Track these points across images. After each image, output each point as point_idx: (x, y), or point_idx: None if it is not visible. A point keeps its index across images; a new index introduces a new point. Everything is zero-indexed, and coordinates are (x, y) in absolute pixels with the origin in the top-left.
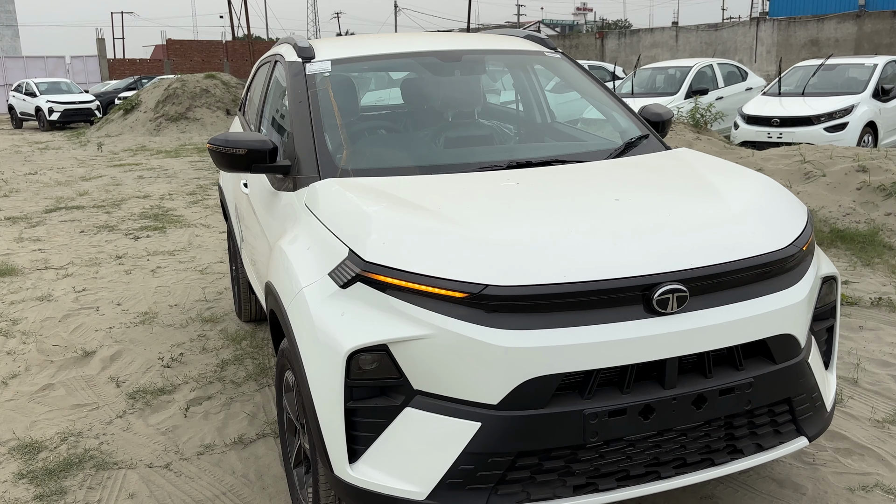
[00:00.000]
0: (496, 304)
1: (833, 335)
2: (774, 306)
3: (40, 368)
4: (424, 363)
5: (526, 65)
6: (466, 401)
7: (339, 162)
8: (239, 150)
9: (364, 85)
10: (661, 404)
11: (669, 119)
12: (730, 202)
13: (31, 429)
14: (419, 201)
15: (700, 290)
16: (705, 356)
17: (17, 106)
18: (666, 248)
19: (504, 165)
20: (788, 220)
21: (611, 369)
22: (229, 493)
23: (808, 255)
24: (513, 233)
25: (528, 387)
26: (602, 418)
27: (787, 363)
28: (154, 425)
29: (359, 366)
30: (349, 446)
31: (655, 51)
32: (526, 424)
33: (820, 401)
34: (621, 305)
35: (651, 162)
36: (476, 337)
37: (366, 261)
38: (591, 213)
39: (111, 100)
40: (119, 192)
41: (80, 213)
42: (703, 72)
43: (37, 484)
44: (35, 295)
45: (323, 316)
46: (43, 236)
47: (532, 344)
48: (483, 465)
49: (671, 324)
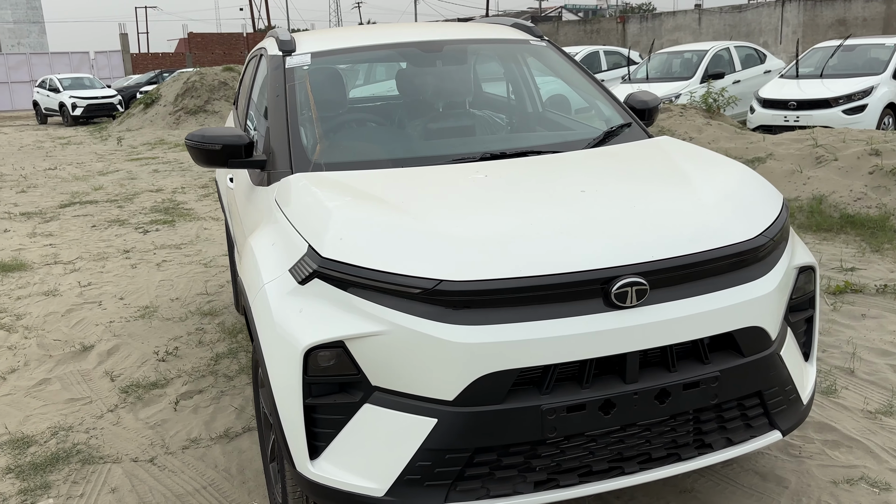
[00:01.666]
0: (451, 299)
1: (812, 326)
2: (741, 298)
3: (39, 363)
4: (381, 359)
5: (509, 54)
6: (423, 397)
7: (312, 156)
8: (214, 145)
9: (347, 78)
10: (621, 399)
11: (656, 107)
12: (700, 192)
13: (24, 423)
14: (383, 196)
15: (662, 283)
16: (668, 350)
17: (41, 102)
18: (626, 241)
19: (477, 157)
20: (759, 210)
21: (569, 364)
22: (210, 487)
23: (780, 245)
24: (470, 227)
25: (484, 382)
26: (560, 414)
27: (757, 356)
28: (143, 419)
29: (317, 362)
30: (311, 442)
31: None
32: (482, 420)
33: (794, 394)
34: (580, 299)
35: (628, 151)
36: (430, 333)
37: (322, 256)
38: (554, 206)
39: (133, 94)
40: (133, 187)
41: (93, 207)
42: (720, 55)
43: (23, 479)
44: (42, 290)
45: (282, 312)
46: (55, 231)
47: (487, 339)
48: (440, 461)
49: (631, 317)
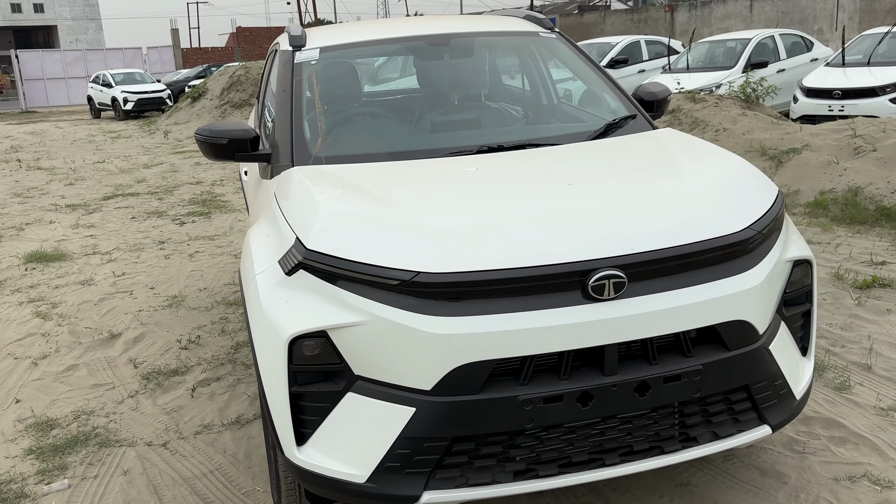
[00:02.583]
0: (428, 290)
1: (810, 320)
2: (725, 292)
3: (69, 349)
4: (362, 349)
5: (518, 46)
6: (402, 386)
7: (313, 150)
8: (221, 139)
9: (356, 72)
10: (599, 391)
11: (665, 98)
12: (689, 185)
13: (50, 407)
14: (373, 189)
15: (641, 276)
16: (648, 343)
17: (95, 97)
18: (606, 234)
19: (474, 150)
20: (749, 203)
21: (547, 356)
22: (217, 471)
23: (770, 239)
24: (451, 220)
25: (460, 373)
26: (537, 405)
27: (742, 350)
28: (161, 405)
29: (301, 351)
30: (298, 430)
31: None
32: (459, 410)
33: (785, 388)
34: (557, 292)
35: (627, 144)
36: (408, 323)
37: (307, 248)
38: (539, 199)
39: (182, 88)
40: (174, 179)
41: (134, 199)
42: (764, 43)
43: (42, 460)
44: (79, 279)
45: (270, 302)
46: (97, 223)
47: (463, 330)
48: (419, 449)
49: (608, 310)
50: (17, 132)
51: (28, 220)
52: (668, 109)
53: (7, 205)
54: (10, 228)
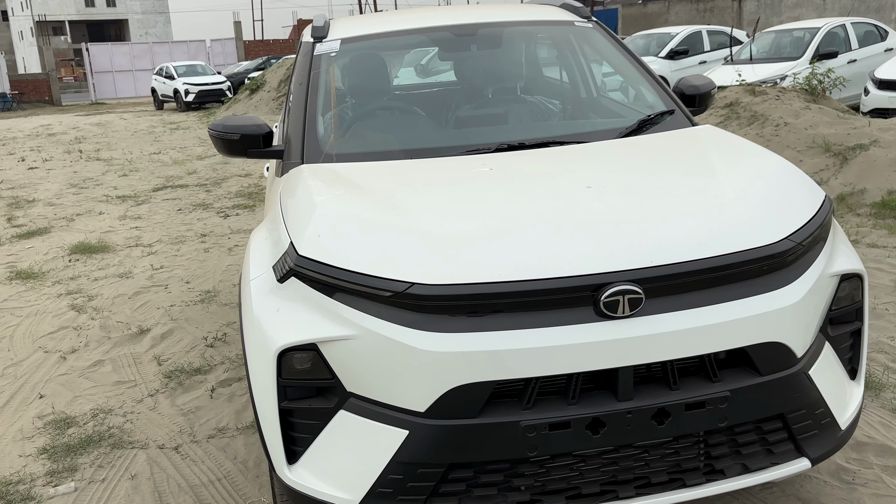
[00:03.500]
0: (423, 304)
1: (860, 340)
2: (757, 310)
3: (98, 344)
4: (353, 365)
5: (551, 35)
6: (395, 406)
7: (325, 147)
8: (233, 135)
9: (378, 64)
10: (612, 418)
11: (709, 92)
12: (722, 189)
13: (71, 404)
14: (378, 190)
15: (661, 292)
16: (668, 366)
17: (158, 89)
18: (622, 244)
19: (493, 148)
20: (790, 211)
21: (555, 378)
22: (224, 479)
23: (812, 251)
24: (452, 226)
25: (457, 395)
26: (541, 431)
27: (777, 375)
28: (179, 405)
29: (291, 365)
30: (290, 447)
31: (799, 11)
32: (456, 435)
33: (828, 417)
34: (566, 308)
35: (661, 142)
36: (400, 339)
37: (299, 254)
38: (551, 203)
39: (241, 80)
40: (224, 171)
41: (183, 191)
42: (834, 32)
43: (54, 460)
44: (118, 272)
45: (261, 310)
46: (144, 214)
47: (460, 348)
48: (413, 475)
49: (622, 329)
50: (83, 123)
51: (79, 211)
52: (726, 103)
53: (63, 195)
54: (61, 219)
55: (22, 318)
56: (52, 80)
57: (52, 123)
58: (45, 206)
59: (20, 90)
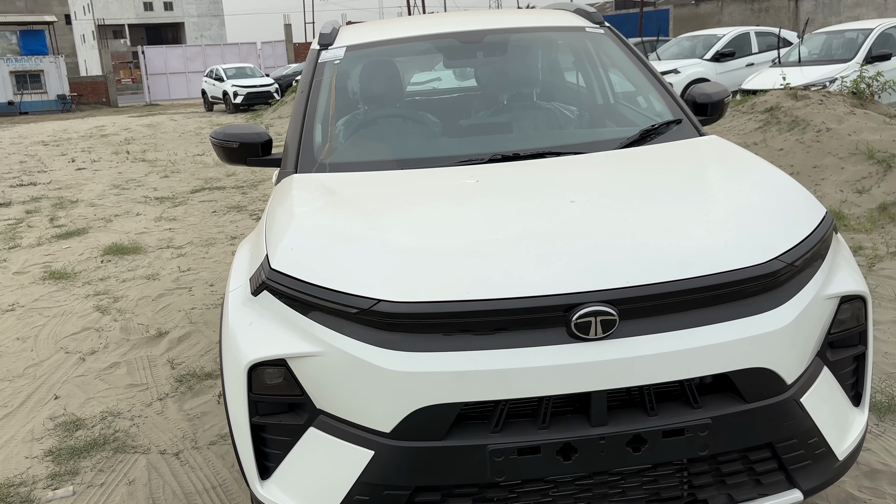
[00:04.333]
0: (389, 321)
1: (863, 366)
2: (741, 334)
3: (117, 346)
4: (321, 382)
5: (561, 42)
6: (362, 426)
7: (319, 156)
8: (233, 142)
9: (383, 71)
10: (585, 444)
11: (722, 100)
12: (715, 206)
13: (84, 406)
14: (360, 201)
15: (637, 313)
16: (645, 391)
17: (208, 90)
18: (597, 263)
19: (485, 159)
20: (784, 229)
21: (524, 401)
22: (219, 487)
23: (806, 272)
24: (426, 241)
25: (422, 416)
26: (509, 456)
27: (763, 403)
28: (186, 410)
29: (262, 380)
30: (262, 463)
31: (859, 10)
32: (422, 457)
33: (822, 447)
34: (538, 328)
35: (660, 153)
36: (365, 358)
37: (271, 268)
38: (531, 218)
39: (289, 82)
40: (262, 173)
41: (220, 193)
42: (889, 34)
43: (58, 463)
44: (146, 273)
45: (236, 323)
46: (179, 216)
47: (425, 368)
48: (378, 497)
49: (596, 351)
50: (135, 125)
51: (118, 212)
52: (767, 108)
53: (105, 196)
54: (100, 220)
55: (49, 319)
56: (109, 82)
57: (105, 125)
58: (86, 206)
59: (79, 92)
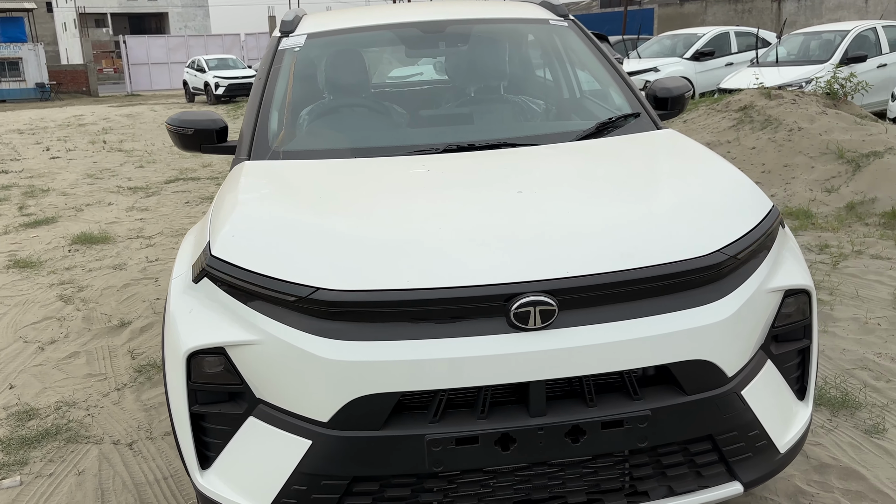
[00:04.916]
0: (327, 310)
1: (808, 359)
2: (681, 326)
3: (77, 336)
4: (260, 371)
5: (524, 34)
6: (300, 416)
7: (273, 143)
8: (188, 129)
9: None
10: (523, 434)
11: (682, 95)
12: (660, 198)
13: (39, 396)
14: (305, 189)
15: (578, 304)
16: (584, 381)
17: (189, 81)
18: (538, 253)
19: (440, 149)
20: (728, 222)
21: (463, 391)
22: (171, 478)
23: (748, 265)
24: (367, 229)
25: (359, 405)
26: (447, 446)
27: (703, 395)
28: (143, 401)
29: (201, 368)
30: (203, 452)
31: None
32: (358, 447)
33: (763, 440)
34: (477, 318)
35: (614, 146)
36: (302, 346)
37: (211, 254)
38: (474, 209)
39: None
40: None
41: (194, 184)
42: (864, 36)
43: (7, 452)
44: (113, 263)
45: (177, 310)
46: (151, 206)
47: (363, 357)
48: (316, 487)
49: (535, 342)
50: (114, 114)
51: (90, 202)
52: (741, 106)
53: (78, 185)
54: (70, 209)
55: (10, 308)
56: (90, 71)
57: (84, 114)
58: (58, 195)
59: (58, 80)
